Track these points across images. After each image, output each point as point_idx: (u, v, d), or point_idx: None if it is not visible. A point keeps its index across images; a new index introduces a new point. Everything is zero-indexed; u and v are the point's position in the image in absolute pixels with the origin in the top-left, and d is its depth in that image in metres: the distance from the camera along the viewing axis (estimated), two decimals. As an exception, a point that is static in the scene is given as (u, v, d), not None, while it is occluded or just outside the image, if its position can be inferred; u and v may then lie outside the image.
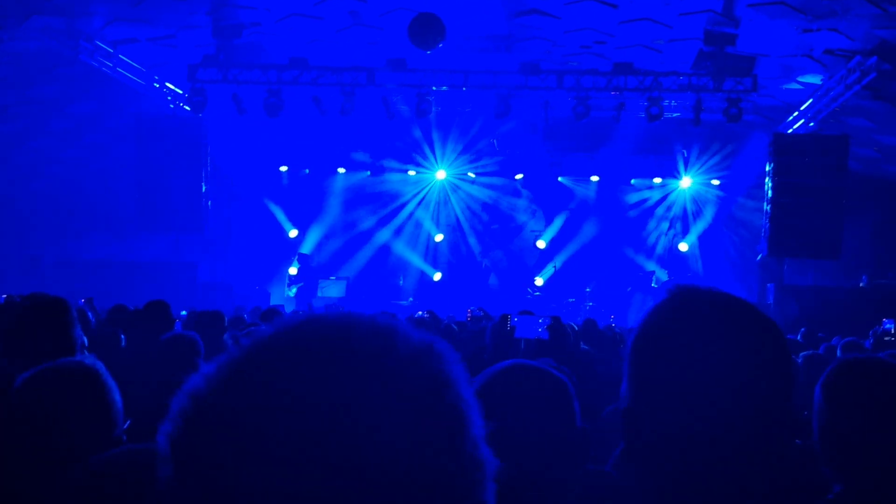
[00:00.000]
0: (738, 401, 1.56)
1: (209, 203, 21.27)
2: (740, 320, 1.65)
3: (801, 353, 7.22)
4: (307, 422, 0.88)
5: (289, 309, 20.22)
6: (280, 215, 26.18)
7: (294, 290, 24.93)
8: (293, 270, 25.34)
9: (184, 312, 11.95)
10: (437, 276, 26.19)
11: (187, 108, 19.97)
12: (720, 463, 1.57)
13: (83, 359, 2.78)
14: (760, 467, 1.58)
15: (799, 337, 11.32)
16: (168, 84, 20.51)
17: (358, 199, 26.43)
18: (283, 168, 25.95)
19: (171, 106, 21.00)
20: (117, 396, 2.73)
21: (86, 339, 5.18)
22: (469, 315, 15.02)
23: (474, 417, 0.98)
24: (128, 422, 2.75)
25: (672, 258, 25.43)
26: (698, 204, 25.35)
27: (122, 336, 6.97)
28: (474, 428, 0.97)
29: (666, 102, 18.48)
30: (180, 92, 20.64)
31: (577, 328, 10.00)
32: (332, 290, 24.92)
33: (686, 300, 1.69)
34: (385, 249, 26.33)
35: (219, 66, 18.58)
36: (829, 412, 2.68)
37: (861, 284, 20.71)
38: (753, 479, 1.58)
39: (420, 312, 14.41)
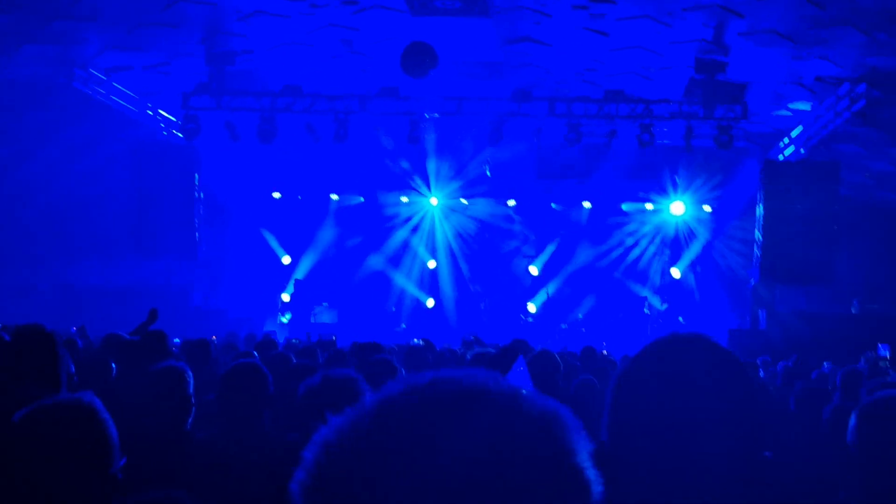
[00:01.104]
0: (710, 445, 1.64)
1: (202, 229, 21.32)
2: (715, 371, 1.74)
3: (797, 385, 7.25)
4: (437, 482, 0.91)
5: (282, 336, 20.20)
6: (273, 242, 26.19)
7: (288, 316, 24.91)
8: (286, 297, 25.32)
9: (177, 340, 11.92)
10: (431, 303, 26.19)
11: (180, 135, 20.00)
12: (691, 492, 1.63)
13: (81, 395, 2.79)
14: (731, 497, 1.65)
15: (790, 363, 11.31)
16: (161, 111, 20.57)
17: (351, 225, 26.44)
18: (277, 194, 25.97)
19: (165, 133, 21.06)
20: (114, 433, 2.74)
21: (73, 369, 5.18)
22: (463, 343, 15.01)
23: (595, 487, 1.00)
24: (123, 459, 2.75)
25: (664, 284, 25.47)
26: (690, 230, 25.40)
27: (114, 365, 6.93)
28: (595, 497, 0.99)
29: (657, 129, 18.53)
30: (173, 119, 20.69)
31: (569, 357, 9.98)
32: (324, 316, 24.90)
33: (667, 349, 1.77)
34: (378, 276, 26.33)
35: (212, 94, 18.62)
36: (862, 443, 2.73)
37: (852, 310, 20.75)
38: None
39: (416, 340, 14.40)
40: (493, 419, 0.96)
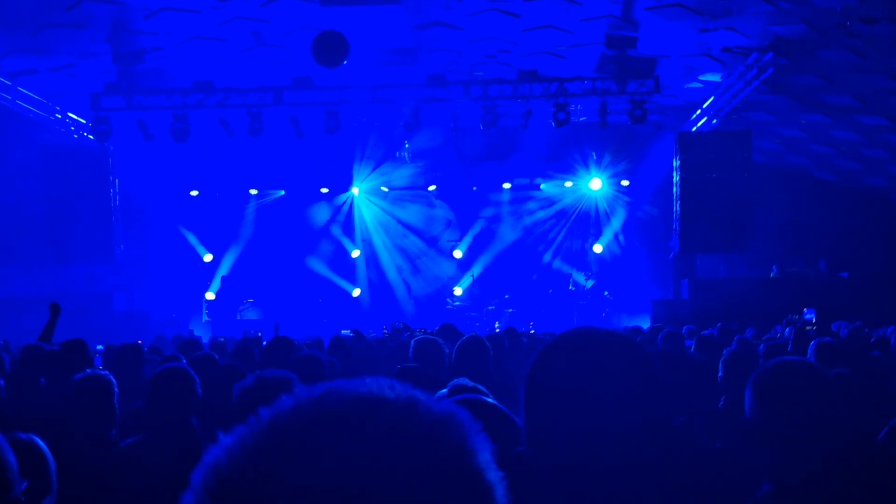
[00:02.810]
0: (626, 425, 1.70)
1: (120, 232, 21.02)
2: (617, 356, 1.78)
3: (724, 351, 7.36)
4: (332, 496, 0.88)
5: (206, 335, 19.99)
6: (193, 240, 25.89)
7: (205, 318, 24.74)
8: (210, 295, 25.08)
9: (100, 347, 11.73)
10: (356, 293, 26.13)
11: (92, 137, 19.63)
12: (615, 487, 1.67)
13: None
14: (654, 482, 1.68)
15: (715, 332, 11.50)
16: (71, 114, 20.18)
17: (272, 218, 26.23)
18: (194, 192, 25.67)
19: (76, 136, 20.67)
20: (11, 458, 2.67)
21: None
22: (385, 330, 14.99)
23: (499, 489, 0.98)
24: (24, 483, 2.68)
25: (587, 260, 25.72)
26: (610, 205, 25.67)
27: (41, 378, 6.78)
28: (499, 498, 0.97)
29: (572, 107, 18.65)
30: (84, 121, 20.31)
31: (499, 334, 10.02)
32: (250, 312, 24.74)
33: (568, 343, 1.81)
34: (302, 268, 26.15)
35: (122, 94, 18.32)
36: (760, 414, 2.75)
37: (772, 274, 21.20)
38: (651, 494, 1.68)
39: (345, 331, 14.34)
40: (387, 426, 0.93)
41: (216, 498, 0.91)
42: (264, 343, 10.86)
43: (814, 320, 15.03)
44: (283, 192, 26.08)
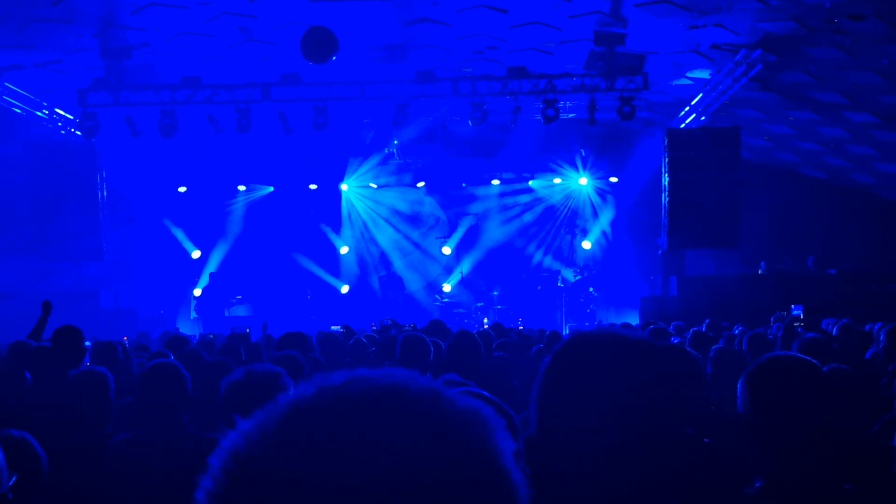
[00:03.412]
0: (637, 420, 1.72)
1: (108, 229, 20.94)
2: (634, 355, 1.81)
3: (712, 348, 7.37)
4: (351, 487, 0.87)
5: (195, 331, 19.94)
6: (181, 236, 25.82)
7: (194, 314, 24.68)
8: (198, 292, 25.00)
9: (87, 343, 11.67)
10: (345, 289, 26.09)
11: (79, 133, 19.54)
12: (623, 475, 1.69)
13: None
14: (660, 475, 1.70)
15: (704, 328, 11.53)
16: (58, 110, 20.09)
17: (261, 215, 26.18)
18: (182, 189, 25.61)
19: (63, 132, 20.58)
20: None
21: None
22: (374, 327, 14.98)
23: (522, 489, 0.96)
24: (13, 478, 2.66)
25: (576, 256, 25.73)
26: (598, 201, 25.68)
27: (28, 374, 6.72)
28: (522, 500, 0.95)
29: (561, 104, 18.59)
30: (71, 117, 20.23)
31: (488, 330, 10.04)
32: (238, 309, 24.68)
33: (587, 340, 1.84)
34: (291, 264, 26.10)
35: (110, 89, 18.21)
36: (753, 409, 2.74)
37: (759, 271, 21.23)
38: (654, 486, 1.70)
39: (335, 327, 14.35)
40: (411, 420, 0.91)
41: (237, 481, 0.91)
42: (252, 339, 10.83)
43: (802, 317, 15.05)
44: (271, 189, 26.04)
